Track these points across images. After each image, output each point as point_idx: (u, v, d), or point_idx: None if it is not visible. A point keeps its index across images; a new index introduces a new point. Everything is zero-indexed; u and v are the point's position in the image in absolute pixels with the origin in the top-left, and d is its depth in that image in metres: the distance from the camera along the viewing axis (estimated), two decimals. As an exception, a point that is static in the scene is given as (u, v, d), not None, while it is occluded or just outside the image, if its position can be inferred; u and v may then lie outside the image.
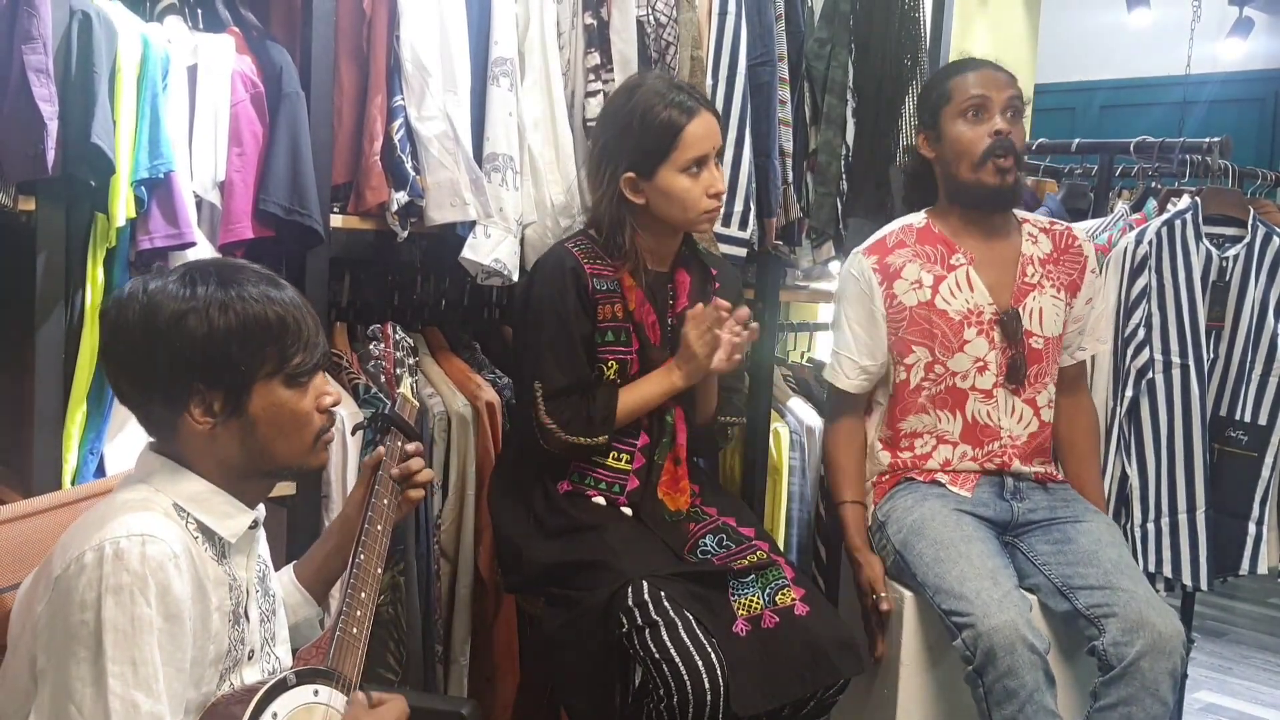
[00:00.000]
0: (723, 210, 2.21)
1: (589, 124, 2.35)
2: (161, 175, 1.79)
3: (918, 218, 2.34)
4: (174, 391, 1.26)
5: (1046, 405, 2.30)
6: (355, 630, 1.35)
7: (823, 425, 2.71)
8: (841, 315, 2.33)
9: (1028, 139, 2.29)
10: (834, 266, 3.14)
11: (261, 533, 1.41)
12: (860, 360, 2.29)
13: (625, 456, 2.06)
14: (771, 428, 2.80)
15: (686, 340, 2.01)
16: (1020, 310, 2.25)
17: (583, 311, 2.00)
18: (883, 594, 2.18)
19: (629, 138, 2.00)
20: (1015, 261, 2.28)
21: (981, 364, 2.24)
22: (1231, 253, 2.67)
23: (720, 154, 2.07)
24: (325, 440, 1.37)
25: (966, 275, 2.25)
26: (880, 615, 2.16)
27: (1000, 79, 2.23)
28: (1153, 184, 3.08)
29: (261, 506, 1.41)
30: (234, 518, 1.31)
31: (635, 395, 2.03)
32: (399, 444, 1.60)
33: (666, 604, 1.80)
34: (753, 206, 2.55)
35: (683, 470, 2.09)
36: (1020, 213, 2.37)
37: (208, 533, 1.29)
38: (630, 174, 2.01)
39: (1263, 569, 2.68)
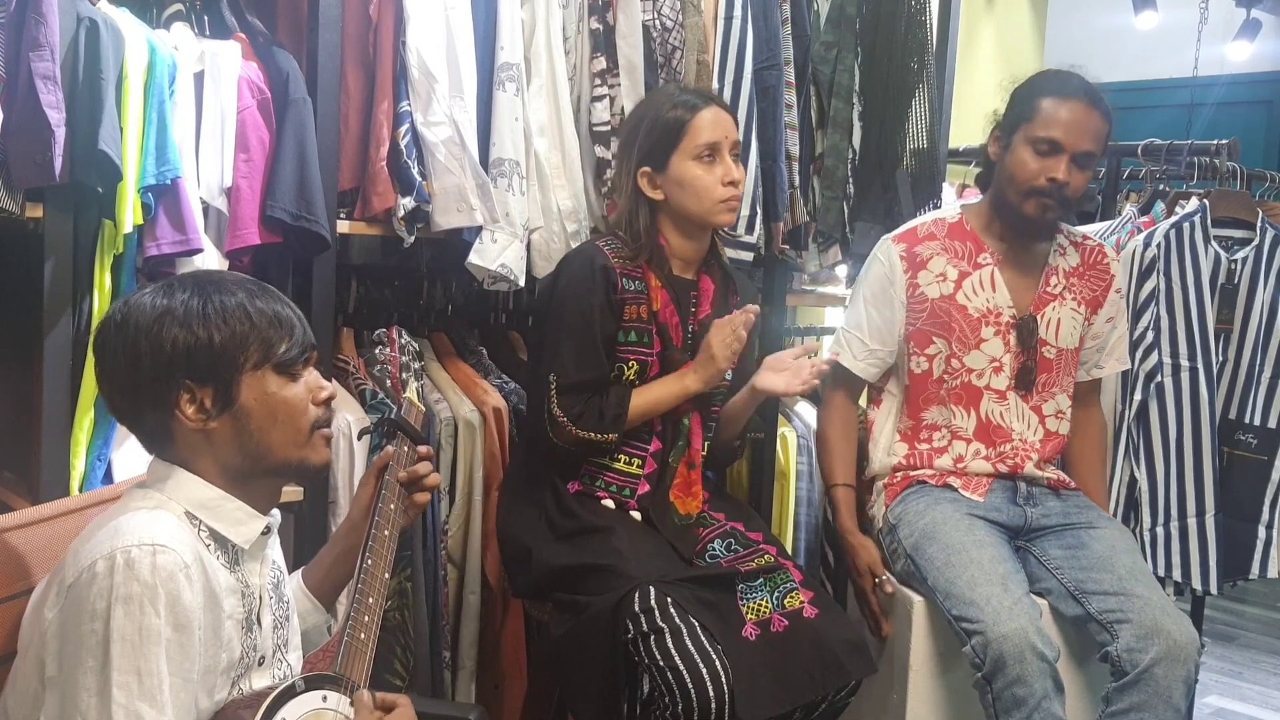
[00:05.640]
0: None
1: (595, 129, 2.35)
2: (168, 182, 1.79)
3: (951, 212, 2.34)
4: (161, 392, 1.26)
5: (1054, 415, 2.29)
6: (363, 635, 1.34)
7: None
8: (859, 295, 2.34)
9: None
10: (841, 270, 3.14)
11: (275, 538, 1.41)
12: (869, 342, 2.30)
13: (636, 461, 2.06)
14: (779, 432, 2.79)
15: (709, 345, 2.01)
16: (1038, 318, 2.25)
17: (609, 310, 2.00)
18: (884, 575, 2.19)
19: (641, 137, 2.04)
20: (1041, 269, 2.28)
21: (996, 364, 2.24)
22: (1240, 255, 2.66)
23: (736, 151, 2.08)
24: (323, 434, 1.36)
25: (991, 275, 2.25)
26: (879, 598, 2.17)
27: (1088, 127, 2.11)
28: (1161, 186, 3.07)
29: (276, 512, 1.41)
30: (246, 524, 1.31)
31: (647, 396, 2.03)
32: (405, 448, 1.59)
33: (673, 610, 1.79)
34: (759, 210, 2.55)
35: (696, 475, 2.09)
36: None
37: (220, 540, 1.29)
38: (645, 168, 2.03)
39: (1273, 573, 2.68)
